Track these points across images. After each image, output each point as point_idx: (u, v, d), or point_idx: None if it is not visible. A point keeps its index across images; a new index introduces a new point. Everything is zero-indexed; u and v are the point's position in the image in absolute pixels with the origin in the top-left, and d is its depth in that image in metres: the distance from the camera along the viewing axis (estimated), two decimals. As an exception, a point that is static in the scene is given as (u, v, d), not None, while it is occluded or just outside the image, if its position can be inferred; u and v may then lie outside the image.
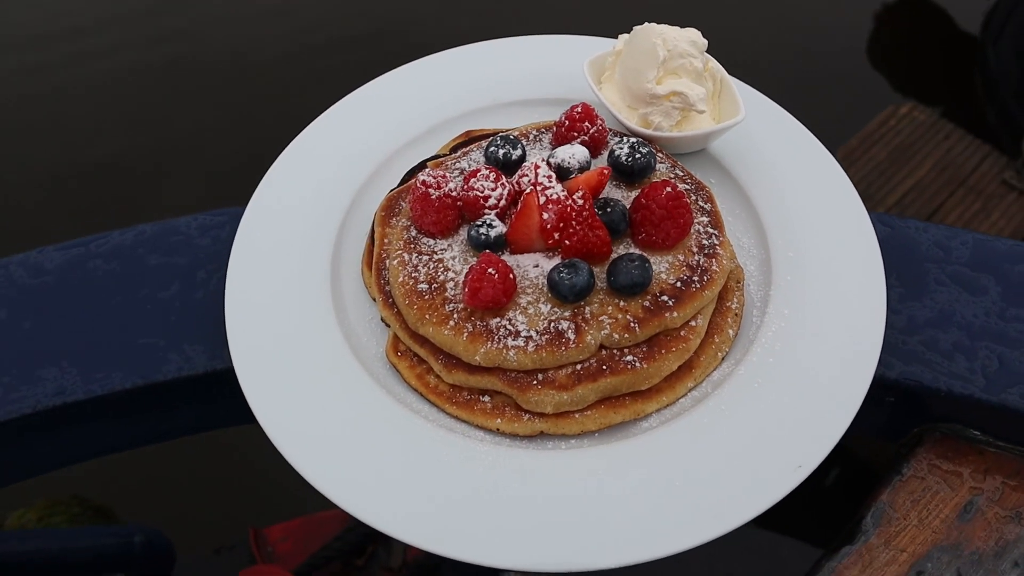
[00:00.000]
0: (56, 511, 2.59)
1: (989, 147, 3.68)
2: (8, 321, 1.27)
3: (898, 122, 3.80)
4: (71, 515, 2.63)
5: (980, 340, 1.19)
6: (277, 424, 1.05)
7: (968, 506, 1.15)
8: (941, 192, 3.63)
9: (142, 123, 4.20)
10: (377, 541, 2.75)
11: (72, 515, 2.64)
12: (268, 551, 2.72)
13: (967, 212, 3.58)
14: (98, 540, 2.10)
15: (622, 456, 1.04)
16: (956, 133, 3.74)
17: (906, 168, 3.70)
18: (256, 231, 1.25)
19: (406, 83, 1.43)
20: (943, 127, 3.76)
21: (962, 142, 3.73)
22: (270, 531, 2.74)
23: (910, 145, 3.73)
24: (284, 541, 2.74)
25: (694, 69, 1.21)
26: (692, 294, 1.09)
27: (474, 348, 1.06)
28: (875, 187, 3.65)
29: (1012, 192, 3.60)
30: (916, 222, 1.31)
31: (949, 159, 3.71)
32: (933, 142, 3.73)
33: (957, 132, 3.74)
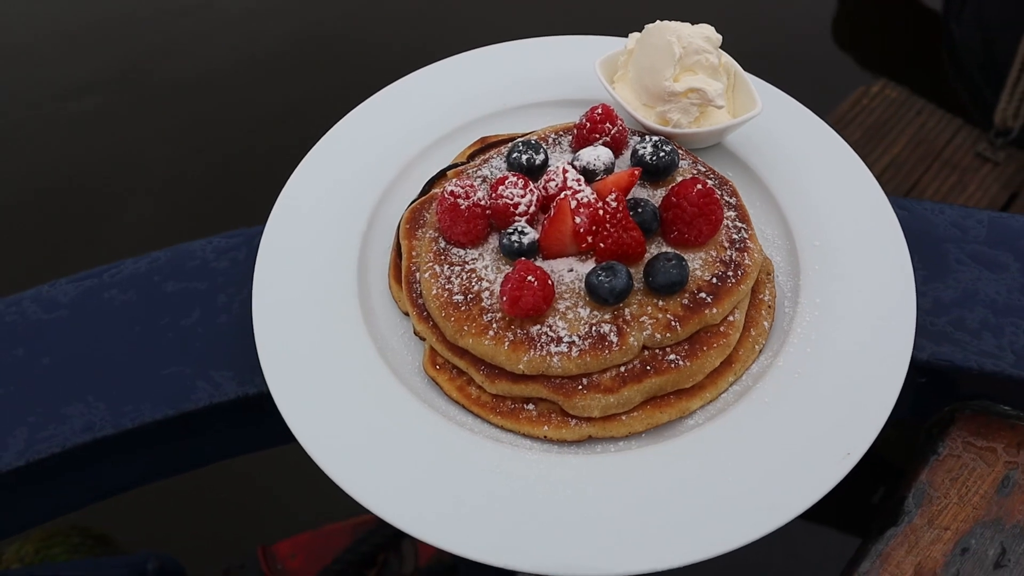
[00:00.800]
0: (54, 542, 2.53)
1: (961, 121, 3.75)
2: (26, 359, 1.24)
3: (870, 101, 3.86)
4: (70, 545, 2.58)
5: (1006, 317, 1.21)
6: (325, 450, 1.03)
7: (1005, 480, 1.17)
8: (917, 168, 3.69)
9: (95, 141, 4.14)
10: (388, 550, 2.74)
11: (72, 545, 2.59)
12: (279, 568, 2.69)
13: (944, 186, 3.64)
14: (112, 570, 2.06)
15: (672, 455, 1.04)
16: (928, 108, 3.80)
17: (881, 146, 3.75)
18: (276, 252, 1.23)
19: (415, 92, 1.42)
20: (915, 103, 3.82)
21: (934, 117, 3.79)
22: (278, 548, 2.71)
23: (884, 123, 3.79)
24: (294, 558, 2.71)
25: (710, 65, 1.22)
26: (728, 289, 1.09)
27: (517, 357, 1.06)
28: (852, 166, 3.70)
29: (986, 164, 3.68)
30: (931, 204, 1.33)
31: (923, 135, 3.77)
32: (906, 119, 3.79)
33: (929, 107, 3.80)
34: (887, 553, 1.12)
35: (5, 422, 1.18)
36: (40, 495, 1.20)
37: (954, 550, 1.12)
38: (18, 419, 1.18)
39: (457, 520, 0.98)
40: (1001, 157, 3.68)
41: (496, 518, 0.99)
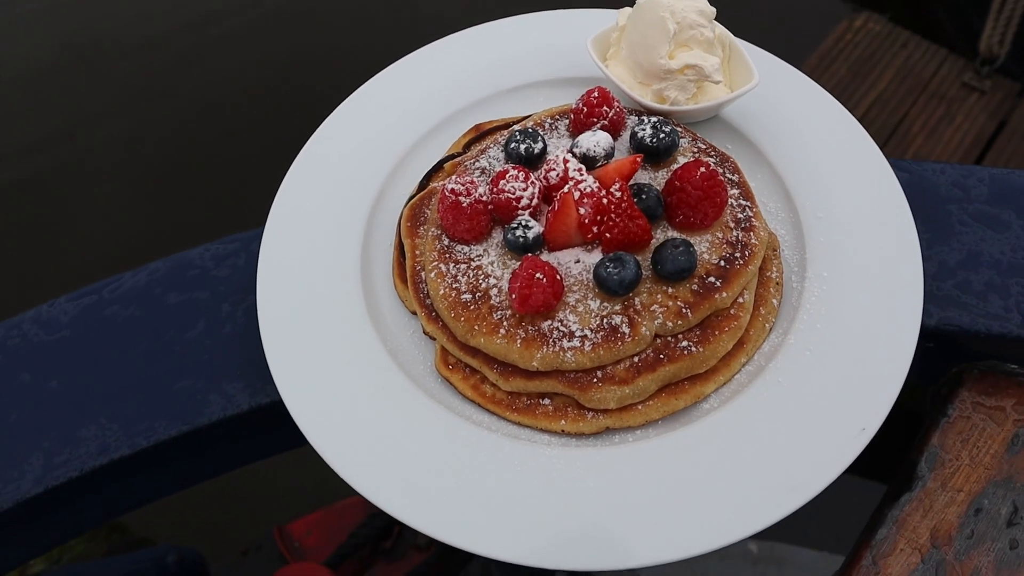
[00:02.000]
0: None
1: (946, 51, 3.72)
2: (34, 384, 1.23)
3: (854, 35, 3.81)
4: (87, 533, 2.61)
5: (1011, 277, 1.21)
6: (345, 460, 1.03)
7: (1015, 439, 1.19)
8: (904, 102, 3.66)
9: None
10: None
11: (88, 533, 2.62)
12: (296, 547, 2.73)
13: (931, 119, 3.63)
14: (133, 566, 2.08)
15: (689, 441, 1.05)
16: (913, 40, 3.76)
17: (868, 81, 3.72)
18: (276, 261, 1.21)
19: (403, 81, 1.38)
20: (899, 35, 3.78)
21: (919, 49, 3.75)
22: (293, 527, 2.75)
23: (869, 57, 3.75)
24: (309, 535, 2.75)
25: (705, 39, 1.19)
26: (737, 271, 1.09)
27: (530, 354, 1.05)
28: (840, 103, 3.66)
29: (973, 93, 3.65)
30: (932, 164, 1.32)
31: (908, 67, 3.74)
32: (891, 52, 3.75)
33: (914, 39, 3.76)
34: (903, 518, 1.14)
35: (20, 449, 1.18)
36: (59, 517, 1.20)
37: (968, 511, 1.14)
38: (33, 445, 1.18)
39: (484, 522, 0.99)
40: (988, 86, 3.65)
41: (521, 517, 0.99)
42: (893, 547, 1.12)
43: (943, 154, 3.53)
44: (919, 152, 3.55)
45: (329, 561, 2.56)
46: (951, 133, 3.59)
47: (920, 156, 3.53)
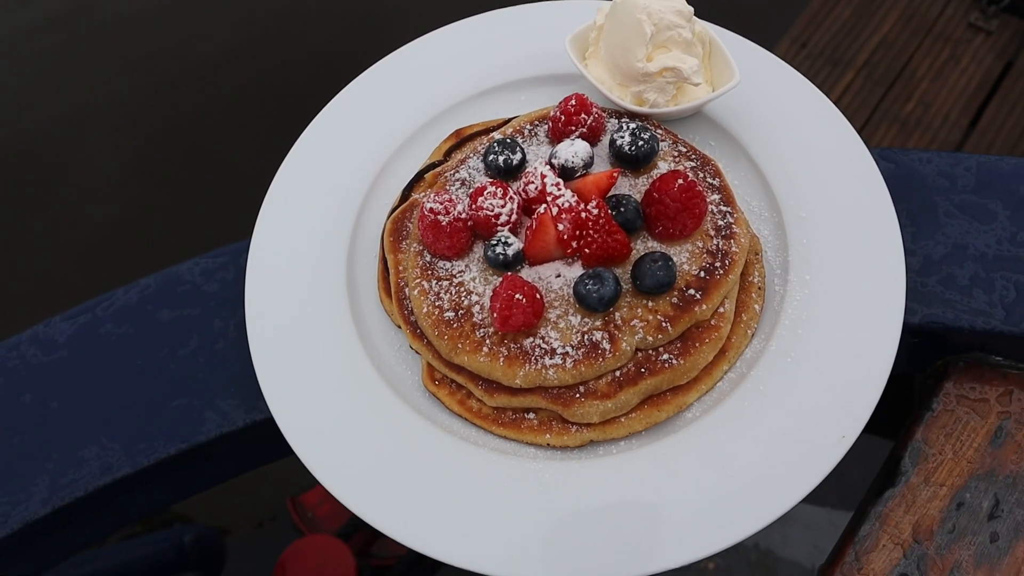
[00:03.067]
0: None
1: (952, -9, 3.62)
2: (35, 404, 1.26)
3: (858, -23, 3.70)
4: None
5: (995, 270, 1.21)
6: (337, 478, 1.06)
7: (998, 431, 1.20)
8: (909, 44, 3.58)
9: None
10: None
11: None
12: (309, 517, 2.80)
13: (937, 61, 3.55)
14: (150, 548, 2.16)
15: (672, 453, 1.07)
16: (918, -20, 3.66)
17: (872, 24, 3.64)
18: (264, 275, 1.22)
19: (380, 87, 1.37)
20: (904, -24, 3.67)
21: (924, -11, 3.65)
22: (306, 498, 2.82)
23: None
24: (321, 505, 2.82)
25: (683, 40, 1.17)
26: (717, 282, 1.09)
27: (513, 372, 1.07)
28: (843, 48, 3.59)
29: (979, 34, 3.56)
30: (919, 152, 1.30)
31: (913, 8, 3.65)
32: (896, -7, 3.65)
33: (918, -21, 3.66)
34: (885, 514, 1.17)
35: (26, 471, 1.21)
36: (65, 535, 1.25)
37: (950, 505, 1.16)
38: (37, 467, 1.21)
39: (472, 535, 1.02)
40: (994, 25, 3.56)
41: (508, 530, 1.02)
42: (876, 543, 1.15)
43: (949, 97, 3.47)
44: (925, 95, 3.48)
45: (341, 532, 2.64)
46: (957, 75, 3.52)
47: (926, 99, 3.47)
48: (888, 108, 3.40)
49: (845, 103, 3.41)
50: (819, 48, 3.54)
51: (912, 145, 3.30)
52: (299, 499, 2.80)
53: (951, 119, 3.39)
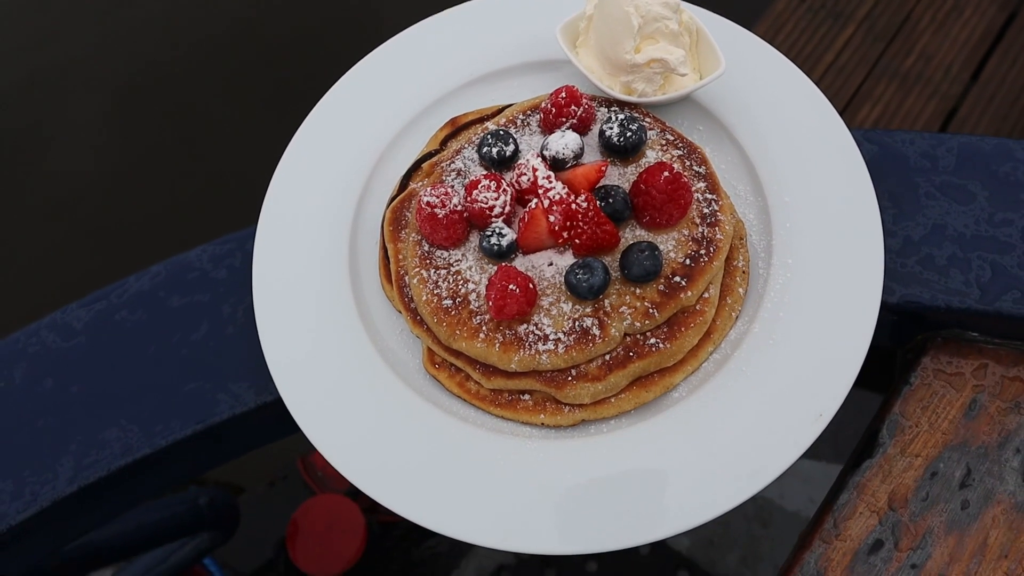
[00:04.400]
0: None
1: (956, -60, 3.57)
2: (57, 388, 1.33)
3: (859, -74, 3.65)
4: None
5: (972, 251, 1.26)
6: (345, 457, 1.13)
7: (972, 404, 1.26)
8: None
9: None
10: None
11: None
12: (319, 476, 2.91)
13: (939, 13, 3.52)
14: (167, 511, 2.25)
15: (659, 431, 1.13)
16: (921, -70, 3.60)
17: (873, -25, 3.60)
18: (269, 264, 1.27)
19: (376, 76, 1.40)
20: (906, -75, 3.61)
21: (927, -62, 3.60)
22: (316, 457, 2.92)
23: (874, -51, 3.61)
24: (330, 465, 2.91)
25: (670, 31, 1.20)
26: (702, 268, 1.14)
27: (508, 357, 1.13)
28: (843, 1, 3.56)
29: (982, -14, 3.52)
30: (903, 134, 1.34)
31: (916, -41, 3.60)
32: (898, -56, 3.60)
33: (921, -72, 3.60)
34: (863, 484, 1.23)
35: (53, 452, 1.29)
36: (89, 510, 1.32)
37: (924, 475, 1.23)
38: (63, 448, 1.29)
39: (471, 510, 1.09)
40: (998, -25, 3.52)
41: (505, 504, 1.09)
42: (853, 511, 1.22)
43: (951, 50, 3.45)
44: (927, 48, 3.46)
45: (350, 490, 2.75)
46: (959, 28, 3.50)
47: (928, 52, 3.45)
48: (889, 62, 3.39)
49: (845, 58, 3.40)
50: (820, 1, 3.51)
51: (912, 101, 3.30)
52: (309, 459, 2.90)
53: (952, 72, 3.38)
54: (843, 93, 3.32)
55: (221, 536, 2.46)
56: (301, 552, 2.62)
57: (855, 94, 3.32)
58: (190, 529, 2.37)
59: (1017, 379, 1.27)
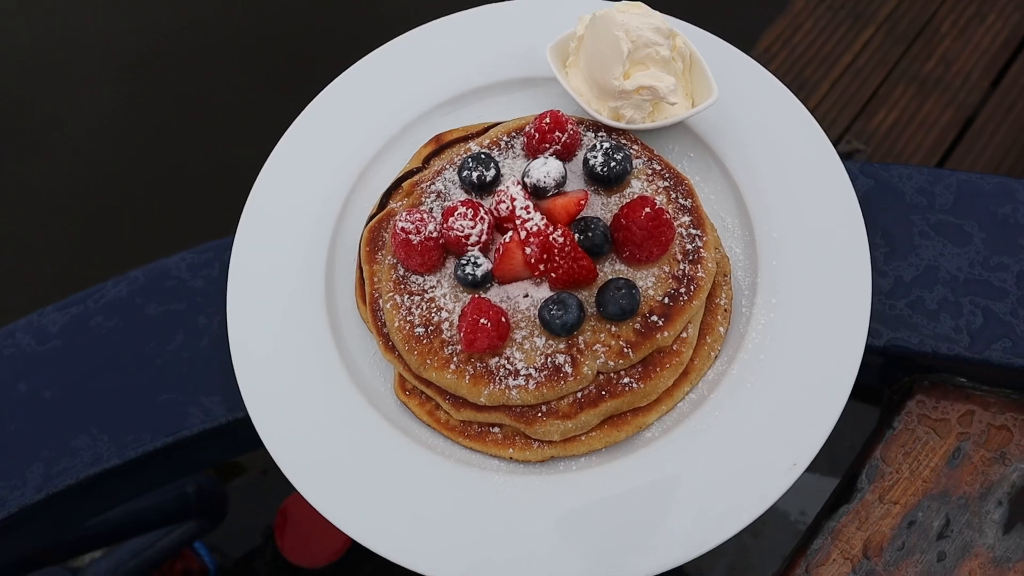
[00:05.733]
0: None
1: (985, -58, 3.46)
2: (29, 393, 1.32)
3: (886, -75, 3.54)
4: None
5: (964, 295, 1.22)
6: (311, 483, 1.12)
7: (956, 452, 1.23)
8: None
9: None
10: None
11: None
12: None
13: (961, 18, 3.43)
14: (156, 499, 2.26)
15: (628, 471, 1.11)
16: (949, -70, 3.50)
17: (897, -24, 3.50)
18: (245, 275, 1.25)
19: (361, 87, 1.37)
20: (934, -75, 3.51)
21: (955, -61, 3.49)
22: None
23: (899, -50, 3.51)
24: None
25: (661, 58, 1.16)
26: (681, 308, 1.11)
27: (478, 390, 1.11)
28: (864, 2, 3.47)
29: (1009, -11, 3.42)
30: (901, 168, 1.29)
31: (942, -39, 3.50)
32: (926, -56, 3.50)
33: (950, -71, 3.50)
34: (838, 529, 1.21)
35: (22, 457, 1.28)
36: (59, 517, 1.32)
37: (901, 523, 1.20)
38: (33, 454, 1.28)
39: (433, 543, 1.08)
40: (1026, -20, 3.41)
41: (469, 539, 1.08)
42: (827, 557, 1.20)
43: (972, 55, 3.36)
44: (947, 53, 3.38)
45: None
46: (982, 33, 3.40)
47: (948, 58, 3.36)
48: (908, 66, 3.31)
49: (864, 59, 3.32)
50: (840, 0, 3.42)
51: (929, 107, 3.22)
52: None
53: (972, 79, 3.29)
54: (859, 96, 3.25)
55: (209, 523, 2.48)
56: (289, 542, 2.64)
57: (872, 97, 3.25)
58: (178, 516, 2.38)
59: (1004, 428, 1.23)
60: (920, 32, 3.40)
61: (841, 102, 3.21)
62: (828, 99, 3.22)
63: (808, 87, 3.24)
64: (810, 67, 3.25)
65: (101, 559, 2.37)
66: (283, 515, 2.64)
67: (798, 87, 3.23)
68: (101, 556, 2.40)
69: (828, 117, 3.20)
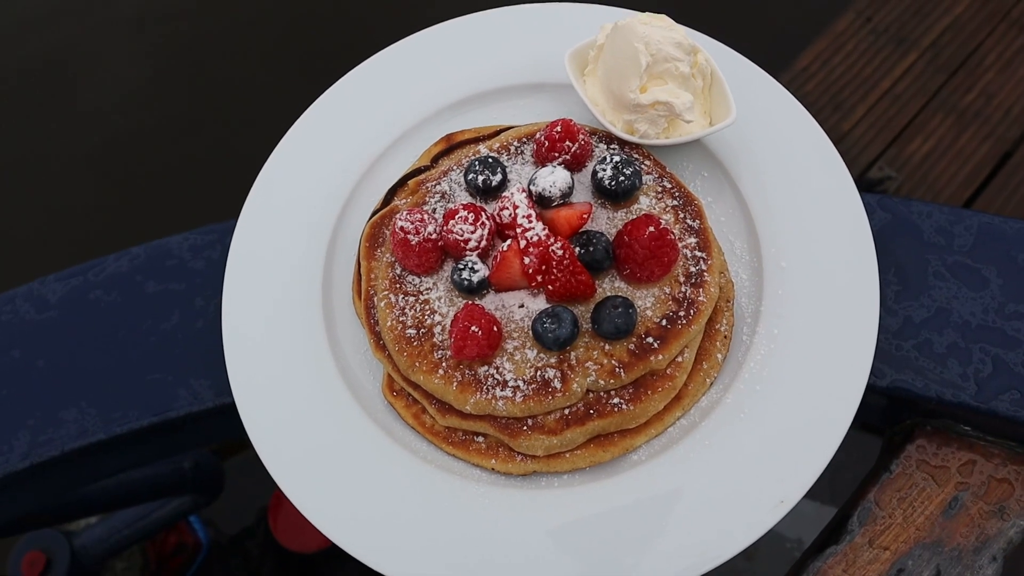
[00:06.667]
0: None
1: (1038, -25, 3.37)
2: (23, 361, 1.32)
3: (936, -48, 3.46)
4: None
5: (975, 342, 1.17)
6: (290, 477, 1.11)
7: (953, 502, 1.19)
8: (981, 29, 3.37)
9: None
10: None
11: None
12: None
13: (1007, 51, 3.35)
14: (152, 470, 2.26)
15: (611, 494, 1.08)
16: (1001, -40, 3.41)
17: (944, 3, 3.42)
18: (245, 261, 1.24)
19: (377, 80, 1.35)
20: (987, -46, 3.43)
21: (1007, -30, 3.41)
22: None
23: (950, -24, 3.43)
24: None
25: (680, 74, 1.13)
26: (678, 332, 1.08)
27: (464, 398, 1.09)
28: (910, 26, 3.40)
29: (1061, 25, 3.33)
30: (921, 205, 1.25)
31: (993, -9, 3.41)
32: (975, -27, 3.42)
33: (1003, -41, 3.41)
34: (824, 570, 1.17)
35: (8, 424, 1.28)
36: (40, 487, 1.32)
37: (890, 570, 1.16)
38: (19, 422, 1.28)
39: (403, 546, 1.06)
40: (1078, 16, 3.32)
41: (440, 549, 1.06)
42: (808, 597, 1.16)
43: (1015, 90, 3.28)
44: (989, 86, 3.30)
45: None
46: (1027, 69, 3.32)
47: (989, 91, 3.29)
48: (948, 96, 3.23)
49: (903, 86, 3.25)
50: (884, 24, 3.35)
51: (966, 139, 3.15)
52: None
53: (1012, 114, 3.21)
54: (896, 122, 3.18)
55: (204, 499, 2.48)
56: (281, 524, 2.63)
57: (908, 124, 3.18)
58: (174, 490, 2.39)
59: (1005, 481, 1.19)
60: (963, 63, 3.32)
61: (876, 127, 3.15)
62: (863, 123, 3.16)
63: (844, 109, 3.18)
64: (848, 89, 3.19)
65: (96, 525, 2.38)
66: (277, 498, 2.64)
67: (833, 108, 3.18)
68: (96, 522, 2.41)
69: (862, 142, 3.14)
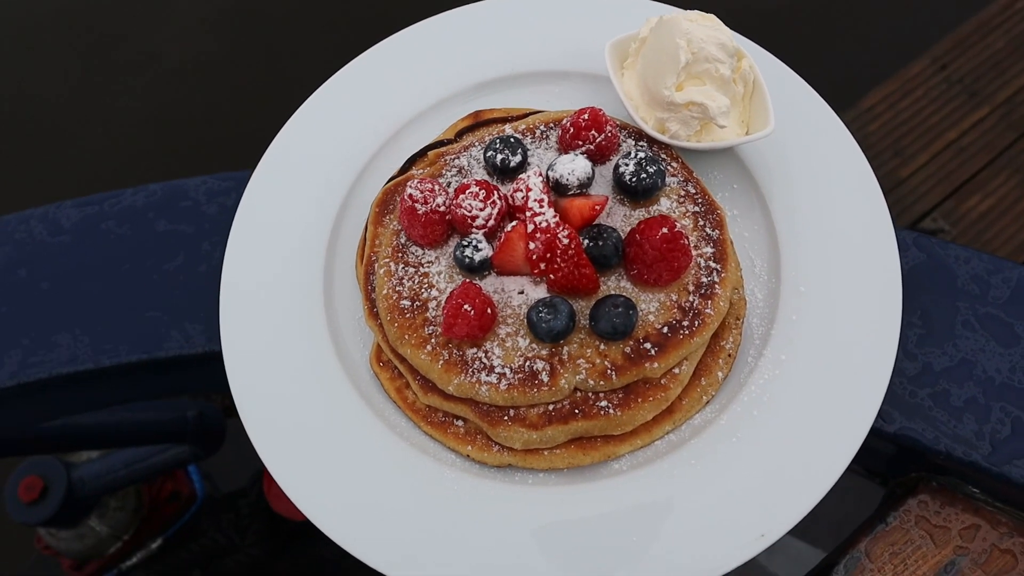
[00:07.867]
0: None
1: None
2: (28, 280, 1.32)
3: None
4: None
5: (996, 400, 1.10)
6: (256, 418, 1.08)
7: (949, 566, 1.12)
8: (1061, 93, 3.24)
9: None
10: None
11: None
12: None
13: (1088, 115, 3.21)
14: (155, 414, 2.27)
15: (586, 499, 1.04)
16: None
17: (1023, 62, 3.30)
18: (255, 211, 1.23)
19: (415, 47, 1.33)
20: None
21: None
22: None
23: (1038, 33, 3.30)
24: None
25: (720, 76, 1.08)
26: (678, 342, 1.03)
27: (448, 378, 1.05)
28: (984, 80, 3.28)
29: None
30: (959, 249, 1.18)
31: (1079, 54, 3.28)
32: (1066, 31, 3.28)
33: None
34: (799, 616, 1.11)
35: (3, 342, 1.28)
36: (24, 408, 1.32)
37: (868, 627, 1.10)
38: (14, 341, 1.28)
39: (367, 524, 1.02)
40: None
41: (403, 531, 1.02)
42: (779, 641, 1.10)
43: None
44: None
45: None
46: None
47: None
48: (1015, 156, 3.11)
49: (970, 139, 3.14)
50: (959, 75, 3.24)
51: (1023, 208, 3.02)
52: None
53: (1084, 185, 3.08)
54: (956, 175, 3.07)
55: (203, 450, 2.48)
56: (275, 489, 2.62)
57: (969, 180, 3.07)
58: (174, 437, 2.40)
59: (1009, 553, 1.11)
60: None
61: (936, 177, 3.04)
62: (923, 172, 3.05)
63: (905, 155, 3.08)
64: (911, 135, 3.09)
65: (96, 460, 2.40)
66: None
67: (894, 152, 3.08)
68: (96, 458, 2.43)
69: (919, 191, 3.04)
